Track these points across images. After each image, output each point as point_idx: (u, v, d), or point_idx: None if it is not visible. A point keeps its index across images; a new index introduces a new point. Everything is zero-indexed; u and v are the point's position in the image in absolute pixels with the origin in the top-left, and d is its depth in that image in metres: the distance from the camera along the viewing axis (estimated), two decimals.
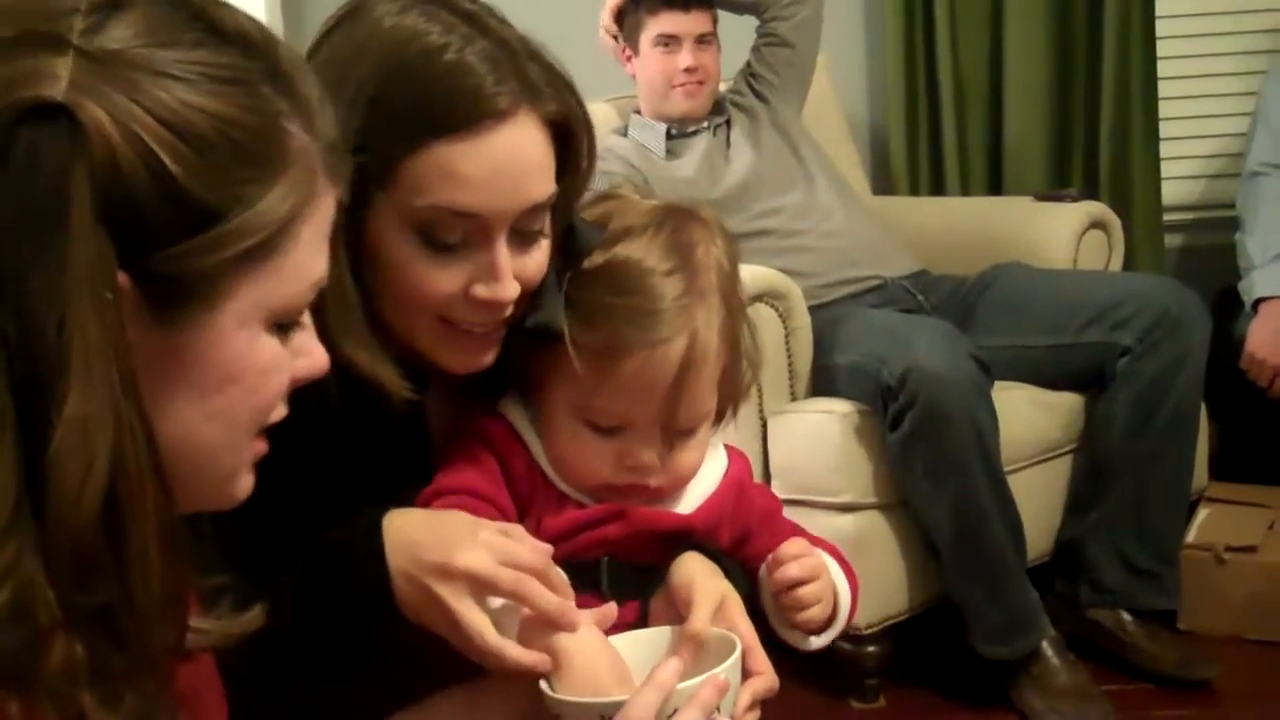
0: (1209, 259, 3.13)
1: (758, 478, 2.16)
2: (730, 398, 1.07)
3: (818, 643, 1.09)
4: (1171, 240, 3.29)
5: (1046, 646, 2.18)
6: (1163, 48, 3.19)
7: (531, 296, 1.02)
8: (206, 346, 0.66)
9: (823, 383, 2.28)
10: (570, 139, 1.03)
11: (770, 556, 1.06)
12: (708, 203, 2.58)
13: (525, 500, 1.03)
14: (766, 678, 0.99)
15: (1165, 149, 3.21)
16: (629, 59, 2.74)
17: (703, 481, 1.09)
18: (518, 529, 0.95)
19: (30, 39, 0.61)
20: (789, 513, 1.18)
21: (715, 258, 1.04)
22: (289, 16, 3.08)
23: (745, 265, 2.24)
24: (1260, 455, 2.75)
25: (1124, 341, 2.28)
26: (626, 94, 2.85)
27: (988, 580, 2.15)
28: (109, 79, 0.61)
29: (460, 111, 0.96)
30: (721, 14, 2.72)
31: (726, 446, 1.14)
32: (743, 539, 1.11)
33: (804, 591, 1.04)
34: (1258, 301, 2.69)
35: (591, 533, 1.03)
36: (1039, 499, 2.32)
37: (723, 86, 2.78)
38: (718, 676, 0.89)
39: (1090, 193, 3.02)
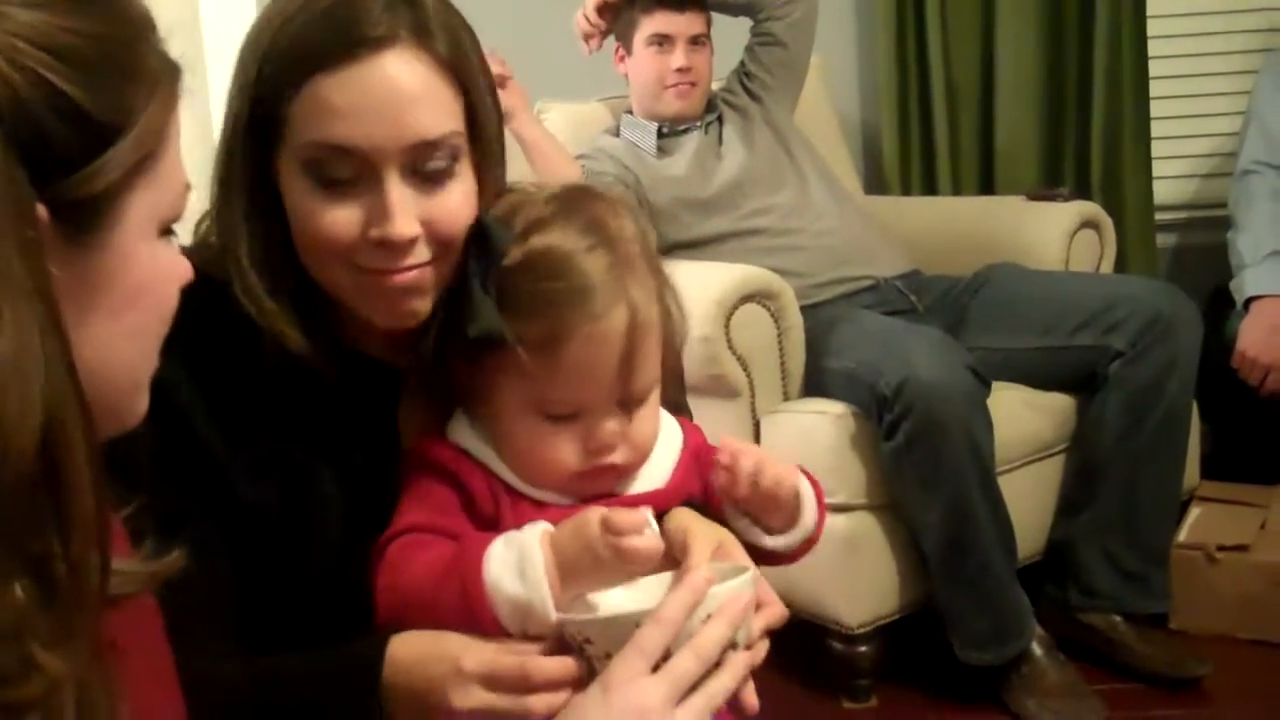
0: (1201, 258, 3.13)
1: None
2: (667, 359, 1.07)
3: (776, 542, 1.08)
4: (1163, 239, 3.29)
5: (1035, 646, 2.17)
6: (1154, 47, 3.20)
7: (459, 305, 1.00)
8: (116, 266, 0.67)
9: (816, 384, 2.27)
10: (467, 93, 1.01)
11: (718, 459, 1.05)
12: (699, 201, 2.62)
13: (491, 519, 1.02)
14: (776, 608, 0.99)
15: (1157, 148, 3.21)
16: (622, 58, 2.74)
17: (666, 455, 1.09)
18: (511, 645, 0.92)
19: None
20: None
21: (629, 229, 1.05)
22: None
23: (737, 265, 2.26)
24: (1251, 454, 2.76)
25: (1116, 345, 2.28)
26: (619, 94, 2.85)
27: (975, 589, 2.14)
28: None
29: (333, 43, 0.95)
30: (715, 17, 2.72)
31: (678, 419, 1.14)
32: (706, 500, 1.11)
33: (767, 478, 1.04)
34: (1249, 300, 2.70)
35: None
36: (1030, 499, 2.33)
37: (715, 86, 2.78)
38: (742, 594, 0.90)
39: (1082, 192, 3.02)
